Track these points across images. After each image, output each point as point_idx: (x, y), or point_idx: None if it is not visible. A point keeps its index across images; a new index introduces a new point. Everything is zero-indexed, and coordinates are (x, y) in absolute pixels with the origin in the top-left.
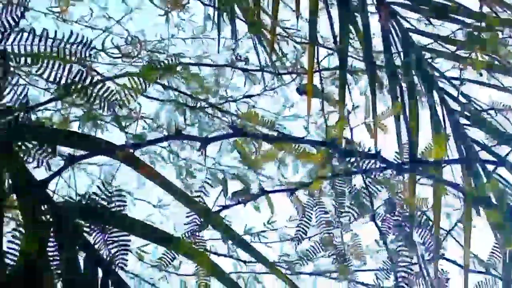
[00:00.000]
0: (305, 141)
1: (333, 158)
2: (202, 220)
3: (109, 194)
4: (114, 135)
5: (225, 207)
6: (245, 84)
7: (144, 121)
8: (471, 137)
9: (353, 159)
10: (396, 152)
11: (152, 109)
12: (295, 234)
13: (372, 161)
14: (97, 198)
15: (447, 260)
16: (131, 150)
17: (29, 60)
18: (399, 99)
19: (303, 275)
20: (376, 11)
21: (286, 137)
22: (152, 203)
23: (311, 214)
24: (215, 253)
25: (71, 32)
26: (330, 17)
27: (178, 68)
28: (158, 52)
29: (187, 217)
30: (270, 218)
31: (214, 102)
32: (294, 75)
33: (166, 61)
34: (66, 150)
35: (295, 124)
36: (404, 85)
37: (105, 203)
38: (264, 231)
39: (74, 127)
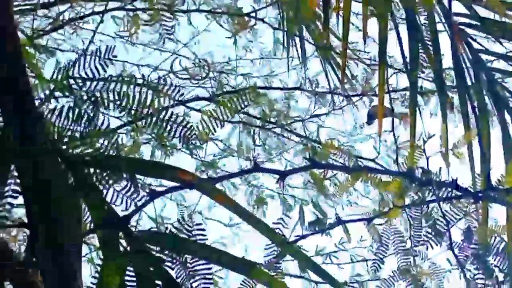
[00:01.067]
0: (383, 172)
1: (410, 187)
2: (280, 250)
3: (190, 228)
4: (181, 157)
5: (302, 237)
6: (314, 106)
7: (215, 144)
8: None
9: (429, 188)
10: (473, 180)
11: (219, 131)
12: (372, 263)
13: (449, 189)
14: (178, 232)
15: None
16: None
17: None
18: (470, 122)
19: None
20: (447, 31)
21: (365, 168)
22: (223, 222)
23: (388, 242)
24: (287, 274)
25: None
26: (399, 38)
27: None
28: (226, 73)
29: (266, 248)
30: (341, 239)
31: (283, 122)
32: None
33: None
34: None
35: (365, 145)
36: (475, 105)
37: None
38: (335, 251)
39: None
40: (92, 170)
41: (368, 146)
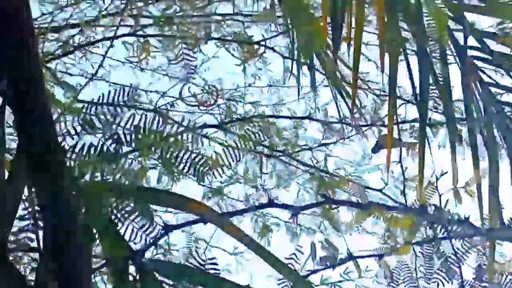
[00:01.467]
0: (395, 208)
1: (422, 223)
2: (292, 285)
3: (203, 263)
4: (188, 183)
5: (314, 271)
6: (323, 136)
7: (222, 169)
8: None
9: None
10: (480, 218)
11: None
12: None
13: (461, 227)
14: (192, 266)
15: None
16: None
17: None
18: (480, 155)
19: None
20: (458, 65)
21: (377, 205)
22: (228, 250)
23: (399, 278)
24: None
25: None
26: (409, 69)
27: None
28: (235, 101)
29: (279, 284)
30: (347, 268)
31: (291, 151)
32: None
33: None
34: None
35: (373, 175)
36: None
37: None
38: (340, 281)
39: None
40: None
41: (376, 176)
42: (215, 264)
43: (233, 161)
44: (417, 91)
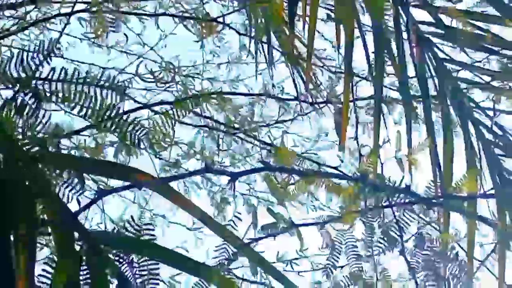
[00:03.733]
0: (336, 176)
1: (364, 192)
2: (233, 251)
3: (139, 228)
4: (147, 159)
5: (255, 239)
6: (279, 112)
7: (179, 147)
8: (507, 169)
9: (383, 194)
10: (427, 187)
11: (185, 135)
12: (325, 266)
13: (402, 195)
14: (126, 232)
15: None
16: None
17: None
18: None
19: None
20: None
21: (317, 173)
22: (187, 226)
23: (341, 247)
24: (247, 280)
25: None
26: (365, 46)
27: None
28: (192, 78)
29: (216, 250)
30: (302, 246)
31: (248, 128)
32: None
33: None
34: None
35: (329, 153)
36: (439, 115)
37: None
38: (296, 259)
39: (109, 152)
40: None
41: (332, 153)
42: (151, 229)
43: (169, 127)
44: (373, 68)
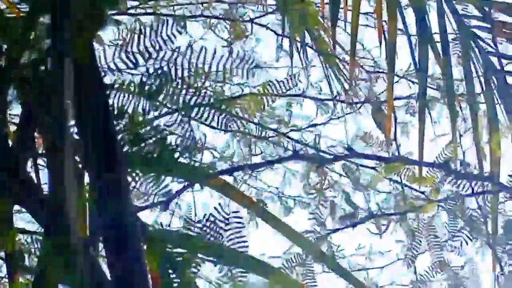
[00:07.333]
0: (417, 162)
1: (446, 180)
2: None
3: (227, 216)
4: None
5: (334, 230)
6: (316, 114)
7: (211, 152)
8: None
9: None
10: (510, 175)
11: (217, 140)
12: (405, 258)
13: (486, 183)
14: (215, 220)
15: None
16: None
17: None
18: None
19: None
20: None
21: (402, 158)
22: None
23: (422, 238)
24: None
25: None
26: (410, 44)
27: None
28: (222, 82)
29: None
30: (339, 246)
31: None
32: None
33: None
34: None
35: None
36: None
37: (223, 225)
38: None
39: None
40: None
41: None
42: (239, 217)
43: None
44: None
